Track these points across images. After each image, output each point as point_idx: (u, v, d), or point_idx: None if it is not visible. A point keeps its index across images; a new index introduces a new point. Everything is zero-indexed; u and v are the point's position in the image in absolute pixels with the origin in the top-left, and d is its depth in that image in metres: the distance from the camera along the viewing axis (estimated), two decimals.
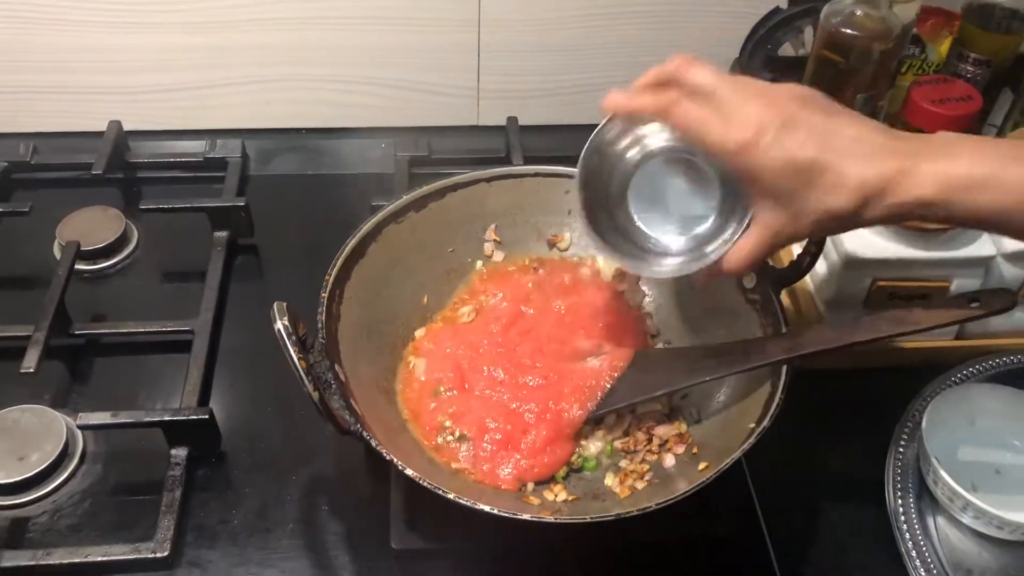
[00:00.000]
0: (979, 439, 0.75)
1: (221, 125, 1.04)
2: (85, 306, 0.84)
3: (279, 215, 0.95)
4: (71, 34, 0.95)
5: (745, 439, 0.61)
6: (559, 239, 0.83)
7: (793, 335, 0.67)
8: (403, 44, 1.00)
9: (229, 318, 0.85)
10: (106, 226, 0.91)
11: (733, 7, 1.00)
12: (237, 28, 0.96)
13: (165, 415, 0.72)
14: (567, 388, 0.70)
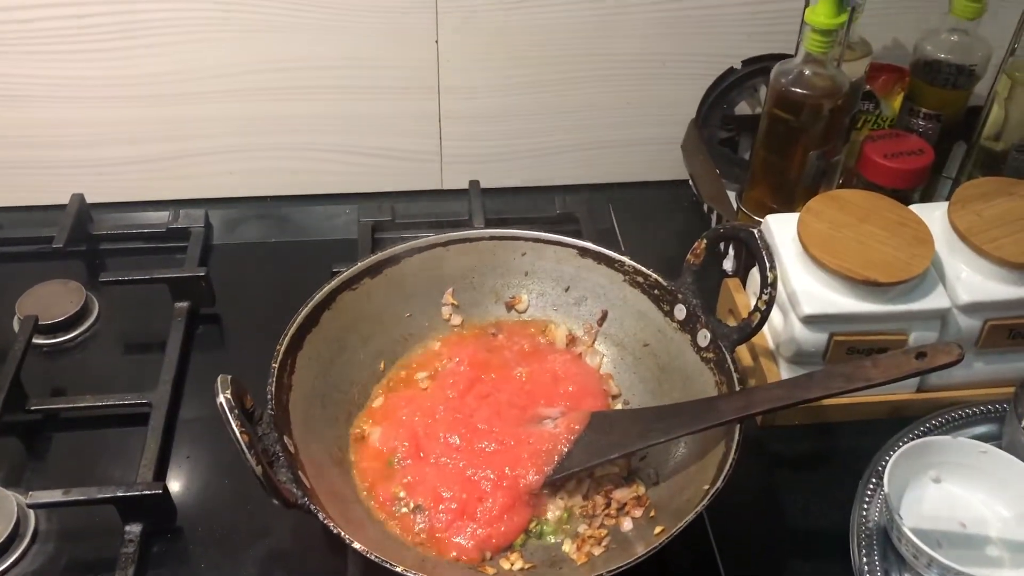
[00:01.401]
0: (943, 493, 0.74)
1: (185, 195, 1.04)
2: (43, 381, 0.84)
3: (242, 283, 0.95)
4: (31, 109, 0.96)
5: (700, 500, 0.61)
6: (517, 301, 0.83)
7: (745, 394, 0.67)
8: (366, 112, 1.01)
9: (188, 389, 0.84)
10: (66, 299, 0.90)
11: (688, 69, 1.01)
12: (200, 99, 0.98)
13: (118, 491, 0.71)
14: (524, 453, 0.70)
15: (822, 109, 0.85)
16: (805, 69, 0.84)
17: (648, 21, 0.98)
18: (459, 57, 0.98)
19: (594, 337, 0.81)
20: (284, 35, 0.94)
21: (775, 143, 0.89)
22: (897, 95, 0.99)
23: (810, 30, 0.81)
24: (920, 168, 0.88)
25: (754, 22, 1.00)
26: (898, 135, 0.91)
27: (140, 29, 0.92)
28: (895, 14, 1.00)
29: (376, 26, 0.94)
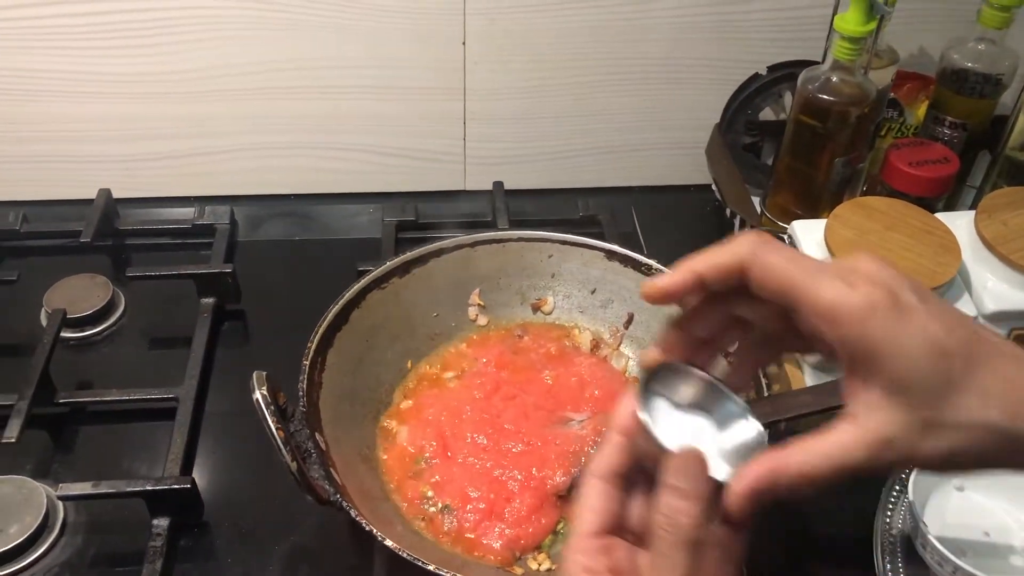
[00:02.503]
0: (966, 501, 0.74)
1: (210, 192, 1.05)
2: (70, 374, 0.84)
3: (266, 281, 0.96)
4: (60, 104, 0.97)
5: None
6: (543, 303, 0.83)
7: (773, 400, 0.67)
8: (391, 112, 1.01)
9: (214, 384, 0.85)
10: (93, 293, 0.91)
11: (713, 74, 1.02)
12: (227, 97, 0.98)
13: (147, 485, 0.71)
14: (551, 454, 0.70)
15: (849, 116, 0.85)
16: (833, 76, 0.84)
17: (673, 25, 0.99)
18: (485, 59, 0.98)
19: (620, 340, 0.81)
20: (312, 34, 0.94)
21: (801, 149, 0.89)
22: (922, 103, 0.99)
23: (839, 37, 0.82)
24: (945, 177, 0.88)
25: (779, 28, 1.00)
26: (923, 143, 0.91)
27: (169, 26, 0.93)
28: (921, 22, 1.00)
29: (404, 27, 0.95)
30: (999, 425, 0.37)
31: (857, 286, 0.38)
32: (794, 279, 0.39)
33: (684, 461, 0.38)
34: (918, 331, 0.37)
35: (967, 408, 0.37)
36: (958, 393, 0.37)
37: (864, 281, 0.38)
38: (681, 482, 0.38)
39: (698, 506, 0.38)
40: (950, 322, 0.38)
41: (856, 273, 0.38)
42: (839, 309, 0.38)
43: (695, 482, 0.38)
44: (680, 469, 0.38)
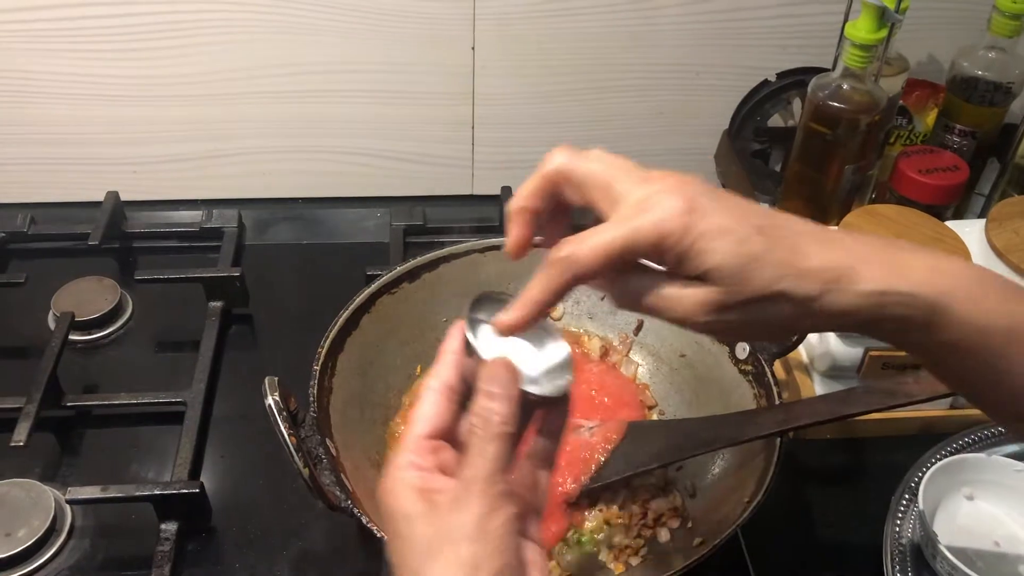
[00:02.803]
0: (977, 511, 0.74)
1: (218, 195, 1.05)
2: (78, 377, 0.84)
3: (274, 284, 0.96)
4: (68, 107, 0.97)
5: (740, 514, 0.61)
6: (552, 309, 0.83)
7: (786, 408, 0.67)
8: (400, 116, 1.01)
9: (222, 388, 0.84)
10: (101, 296, 0.91)
11: (722, 80, 1.02)
12: (235, 100, 0.98)
13: (155, 489, 0.71)
14: (561, 462, 0.69)
15: (859, 124, 0.85)
16: (843, 83, 0.84)
17: (682, 32, 0.99)
18: (494, 64, 0.98)
19: (629, 347, 0.81)
20: (322, 39, 0.94)
21: (811, 156, 0.89)
22: (931, 111, 0.99)
23: (850, 45, 0.82)
24: (955, 185, 0.88)
25: (788, 35, 1.00)
26: (932, 151, 0.91)
27: (178, 30, 0.93)
28: (930, 29, 1.00)
29: (414, 32, 0.95)
30: (788, 291, 0.42)
31: (658, 203, 0.42)
32: (606, 202, 0.44)
33: (495, 367, 0.43)
34: (714, 228, 0.41)
35: (762, 281, 0.41)
36: (758, 268, 0.41)
37: (662, 197, 0.42)
38: (492, 386, 0.42)
39: (507, 406, 0.42)
40: (739, 214, 0.42)
41: (660, 191, 0.42)
42: (649, 232, 0.42)
43: (505, 385, 0.42)
44: (492, 374, 0.43)
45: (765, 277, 0.41)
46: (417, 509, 0.42)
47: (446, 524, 0.41)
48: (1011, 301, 0.43)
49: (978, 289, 0.43)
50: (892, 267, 0.43)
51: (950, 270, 0.43)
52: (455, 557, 0.40)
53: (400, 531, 0.42)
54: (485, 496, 0.40)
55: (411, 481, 0.42)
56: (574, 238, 0.43)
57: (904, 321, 0.43)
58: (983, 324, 0.43)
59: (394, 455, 0.44)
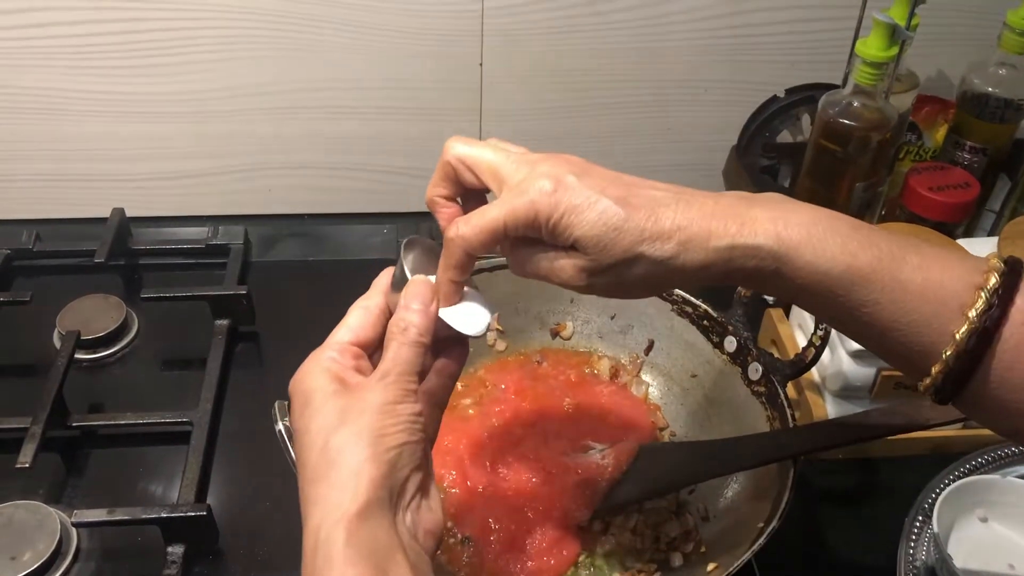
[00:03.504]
0: (990, 533, 0.73)
1: (224, 211, 1.04)
2: (83, 396, 0.84)
3: (281, 302, 0.95)
4: (74, 123, 0.96)
5: (754, 539, 0.60)
6: (563, 328, 0.83)
7: (801, 431, 0.66)
8: (407, 132, 1.01)
9: (229, 408, 0.84)
10: (107, 314, 0.90)
11: (730, 96, 1.01)
12: (240, 117, 0.98)
13: (162, 512, 0.71)
14: (572, 484, 0.69)
15: (870, 141, 0.84)
16: (854, 101, 0.84)
17: (690, 48, 0.98)
18: (502, 80, 0.98)
19: (639, 367, 0.80)
20: (328, 55, 0.94)
21: (821, 174, 0.88)
22: (940, 127, 0.99)
23: (860, 62, 0.81)
24: (966, 202, 0.88)
25: (797, 51, 0.99)
26: (943, 168, 0.91)
27: (184, 46, 0.93)
28: (940, 45, 1.00)
29: (421, 49, 0.94)
30: (647, 253, 0.46)
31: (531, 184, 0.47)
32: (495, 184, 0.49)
33: (417, 284, 0.49)
34: (578, 202, 0.46)
35: (623, 246, 0.46)
36: (618, 235, 0.46)
37: (535, 178, 0.47)
38: (413, 300, 0.48)
39: (424, 320, 0.48)
40: (603, 186, 0.47)
41: (532, 173, 0.47)
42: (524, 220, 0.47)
43: (424, 301, 0.48)
44: (414, 291, 0.48)
45: (624, 243, 0.46)
46: (331, 387, 0.46)
47: (358, 400, 0.45)
48: (853, 244, 0.46)
49: (821, 236, 0.46)
50: (742, 223, 0.46)
51: (796, 220, 0.46)
52: (365, 424, 0.43)
53: (311, 403, 0.45)
54: (398, 386, 0.45)
55: (328, 366, 0.47)
56: (463, 219, 0.49)
57: (754, 271, 0.47)
58: (825, 268, 0.45)
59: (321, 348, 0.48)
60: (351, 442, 0.43)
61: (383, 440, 0.43)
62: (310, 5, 0.91)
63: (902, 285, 0.45)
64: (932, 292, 0.45)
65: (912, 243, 0.46)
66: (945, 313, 0.44)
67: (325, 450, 0.43)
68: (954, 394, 0.46)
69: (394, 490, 0.43)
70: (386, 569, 0.41)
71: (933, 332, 0.45)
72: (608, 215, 0.46)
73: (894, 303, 0.45)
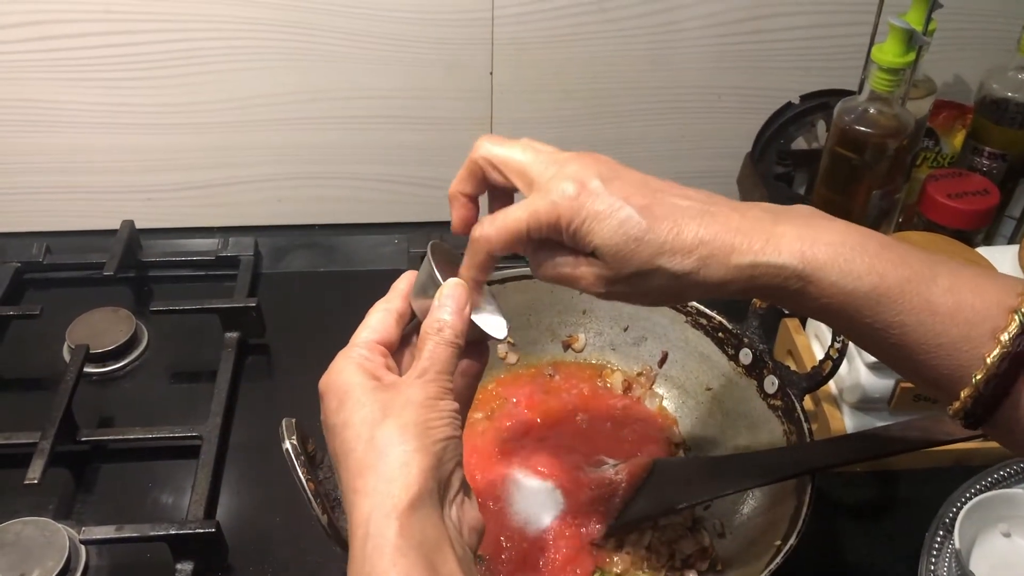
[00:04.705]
0: (1014, 548, 0.72)
1: (234, 222, 1.04)
2: (93, 410, 0.83)
3: (291, 314, 0.95)
4: (82, 136, 0.96)
5: (772, 558, 0.59)
6: (574, 340, 0.82)
7: (818, 446, 0.65)
8: (417, 142, 1.00)
9: (238, 421, 0.83)
10: (116, 327, 0.90)
11: (744, 103, 1.00)
12: (249, 128, 0.97)
13: (171, 528, 0.70)
14: (585, 500, 0.68)
15: (886, 148, 0.83)
16: (870, 107, 0.82)
17: (704, 55, 0.97)
18: (512, 89, 0.97)
19: (653, 380, 0.79)
20: (339, 65, 0.93)
21: (837, 181, 0.87)
22: (958, 132, 0.97)
23: (876, 68, 0.80)
24: (986, 209, 0.86)
25: (811, 57, 0.98)
26: (962, 174, 0.89)
27: (192, 57, 0.92)
28: (957, 50, 0.98)
29: (431, 58, 0.94)
30: (666, 267, 0.46)
31: (555, 187, 0.47)
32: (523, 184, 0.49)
33: (450, 288, 0.49)
34: (600, 209, 0.46)
35: (642, 257, 0.46)
36: (639, 246, 0.46)
37: (560, 180, 0.47)
38: (449, 301, 0.48)
39: (460, 321, 0.48)
40: (628, 193, 0.46)
41: (559, 175, 0.47)
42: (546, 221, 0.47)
43: (459, 302, 0.48)
44: (450, 291, 0.48)
45: (644, 255, 0.46)
46: (369, 383, 0.46)
47: (399, 395, 0.45)
48: (881, 263, 0.44)
49: (848, 255, 0.44)
50: (767, 239, 0.45)
51: (824, 239, 0.45)
52: (410, 418, 0.44)
53: (351, 397, 0.45)
54: (438, 383, 0.46)
55: (361, 363, 0.47)
56: (488, 218, 0.49)
57: (777, 289, 0.46)
58: (851, 288, 0.44)
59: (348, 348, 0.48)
60: (398, 434, 0.43)
61: (430, 433, 0.44)
62: (318, 15, 0.90)
63: (931, 307, 0.43)
64: (963, 314, 0.43)
65: (943, 262, 0.45)
66: (976, 336, 0.43)
67: (372, 441, 0.43)
68: (984, 419, 0.44)
69: (441, 483, 0.44)
70: (434, 561, 0.41)
71: (963, 355, 0.43)
72: (629, 225, 0.46)
73: (922, 325, 0.44)
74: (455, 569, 0.42)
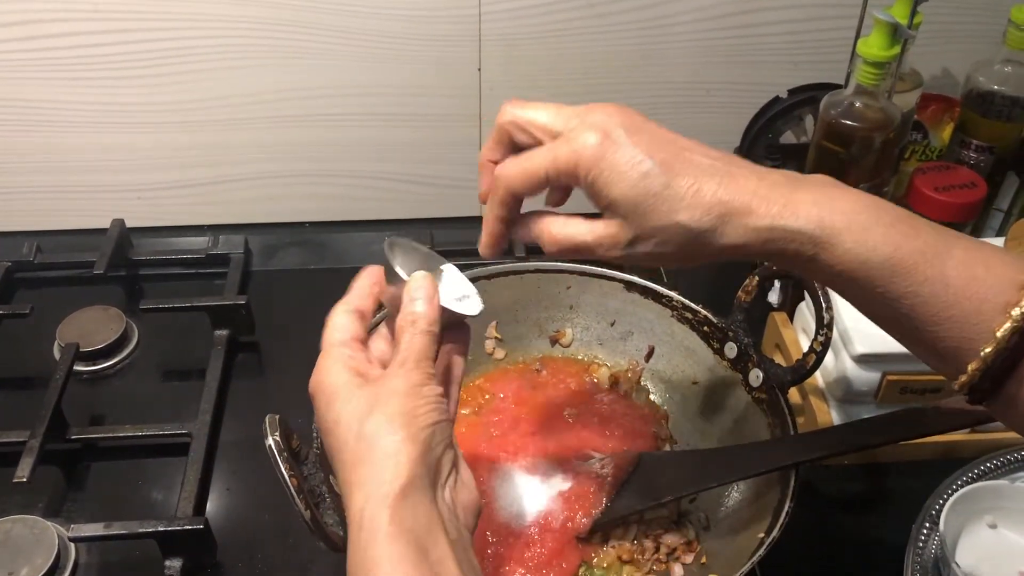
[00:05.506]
0: (999, 539, 0.72)
1: (224, 220, 1.04)
2: (83, 408, 0.83)
3: (281, 311, 0.95)
4: (73, 135, 0.96)
5: (755, 550, 0.59)
6: (562, 335, 0.82)
7: (802, 439, 0.65)
8: (407, 139, 1.00)
9: (228, 419, 0.83)
10: (106, 326, 0.90)
11: (733, 98, 1.00)
12: (239, 126, 0.97)
13: (159, 525, 0.70)
14: (572, 494, 0.68)
15: (873, 141, 0.83)
16: (856, 101, 0.83)
17: (692, 50, 0.97)
18: (501, 85, 0.97)
19: (639, 374, 0.79)
20: (327, 63, 0.94)
21: (824, 175, 0.87)
22: (946, 125, 0.98)
23: (862, 62, 0.80)
24: (973, 202, 0.86)
25: (799, 51, 0.98)
26: (949, 167, 0.90)
27: (182, 56, 0.92)
28: (944, 44, 0.99)
29: (419, 55, 0.94)
30: (684, 224, 0.46)
31: (578, 135, 0.48)
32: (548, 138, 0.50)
33: (417, 281, 0.50)
34: (622, 160, 0.46)
35: (660, 212, 0.46)
36: (657, 201, 0.46)
37: (583, 129, 0.48)
38: (418, 293, 0.49)
39: (431, 310, 0.49)
40: (651, 147, 0.47)
41: (582, 124, 0.48)
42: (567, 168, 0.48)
43: (428, 293, 0.49)
44: (417, 285, 0.49)
45: (662, 209, 0.46)
46: (355, 380, 0.47)
47: (384, 387, 0.46)
48: (896, 234, 0.45)
49: (864, 223, 0.45)
50: (784, 204, 0.46)
51: (841, 207, 0.45)
52: (396, 408, 0.44)
53: (339, 396, 0.46)
54: (419, 370, 0.46)
55: (347, 362, 0.48)
56: (512, 159, 0.51)
57: (793, 254, 0.46)
58: (865, 256, 0.45)
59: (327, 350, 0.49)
60: (385, 425, 0.44)
61: (416, 420, 0.44)
62: (307, 13, 0.90)
63: (944, 279, 0.44)
64: (975, 288, 0.44)
65: (956, 236, 0.46)
66: (987, 310, 0.43)
67: (361, 435, 0.45)
68: (991, 393, 0.45)
69: (431, 468, 0.44)
70: (425, 545, 0.42)
71: (972, 329, 0.44)
72: (650, 179, 0.46)
73: (935, 296, 0.44)
74: (447, 552, 0.43)
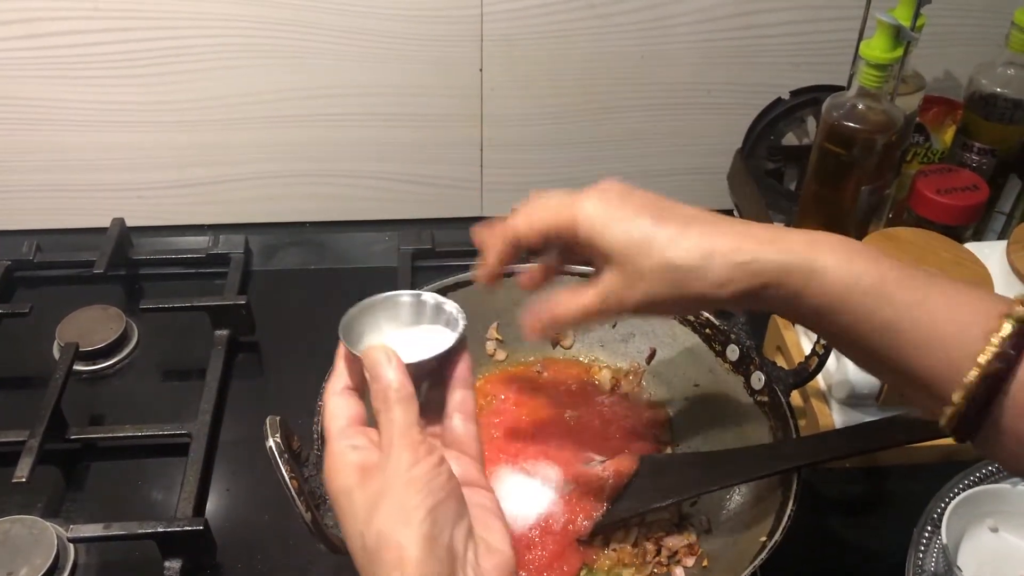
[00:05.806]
0: (1001, 543, 0.72)
1: (224, 220, 1.04)
2: (82, 408, 0.83)
3: (281, 311, 0.95)
4: (73, 133, 0.96)
5: (757, 553, 0.59)
6: (563, 337, 0.82)
7: (804, 442, 0.65)
8: (407, 139, 1.00)
9: (228, 419, 0.83)
10: (106, 325, 0.90)
11: (735, 99, 1.00)
12: (240, 125, 0.97)
13: (159, 526, 0.70)
14: (572, 497, 0.68)
15: (875, 144, 0.83)
16: (858, 103, 0.82)
17: (694, 50, 0.97)
18: (503, 85, 0.97)
19: (641, 376, 0.79)
20: (328, 63, 0.93)
21: (826, 177, 0.87)
22: (948, 128, 0.97)
23: (864, 64, 0.80)
24: (974, 205, 0.86)
25: (802, 52, 0.98)
26: (951, 170, 0.89)
27: (182, 55, 0.92)
28: (947, 45, 0.98)
29: (420, 55, 0.94)
30: (673, 261, 0.50)
31: (578, 199, 0.53)
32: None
33: (370, 353, 0.50)
34: (616, 212, 0.51)
35: (652, 253, 0.50)
36: (649, 243, 0.50)
37: (582, 195, 0.53)
38: (375, 368, 0.49)
39: (393, 375, 0.48)
40: (643, 201, 0.52)
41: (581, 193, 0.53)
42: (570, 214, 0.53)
43: (383, 363, 0.49)
44: (370, 360, 0.50)
45: (655, 249, 0.50)
46: (354, 481, 0.46)
47: (378, 484, 0.45)
48: (881, 263, 0.47)
49: (849, 253, 0.47)
50: (770, 241, 0.49)
51: (824, 240, 0.48)
52: (391, 506, 0.44)
53: (341, 505, 0.47)
54: (405, 449, 0.45)
55: (351, 459, 0.48)
56: (522, 212, 0.55)
57: (778, 287, 0.48)
58: (852, 282, 0.46)
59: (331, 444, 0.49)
60: (384, 533, 0.43)
61: (412, 515, 0.43)
62: (307, 12, 0.90)
63: (928, 304, 0.45)
64: (958, 313, 0.45)
65: (938, 271, 0.48)
66: (969, 336, 0.44)
67: (365, 548, 0.44)
68: (977, 427, 0.44)
69: (442, 559, 0.43)
70: None
71: (956, 353, 0.44)
72: (642, 225, 0.50)
73: (918, 322, 0.45)
74: None
